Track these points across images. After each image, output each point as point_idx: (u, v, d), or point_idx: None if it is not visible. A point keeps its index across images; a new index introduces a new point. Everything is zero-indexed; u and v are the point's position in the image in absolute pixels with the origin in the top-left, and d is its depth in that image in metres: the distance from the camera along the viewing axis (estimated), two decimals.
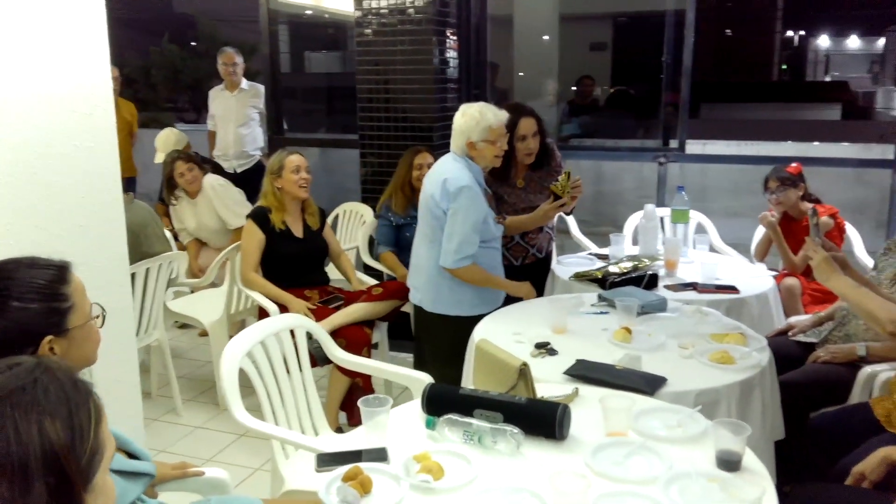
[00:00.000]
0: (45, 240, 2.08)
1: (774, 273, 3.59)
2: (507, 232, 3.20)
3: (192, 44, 13.76)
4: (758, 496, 1.38)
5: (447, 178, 2.79)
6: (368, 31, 4.33)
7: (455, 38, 4.49)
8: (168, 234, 4.42)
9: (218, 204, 4.44)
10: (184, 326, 4.76)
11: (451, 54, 4.47)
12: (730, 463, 1.57)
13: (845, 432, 2.21)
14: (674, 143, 4.66)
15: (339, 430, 3.12)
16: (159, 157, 4.81)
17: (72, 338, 1.41)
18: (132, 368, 2.47)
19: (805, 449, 2.40)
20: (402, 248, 3.85)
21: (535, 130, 3.21)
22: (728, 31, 24.73)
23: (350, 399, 3.31)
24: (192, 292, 4.35)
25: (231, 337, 3.73)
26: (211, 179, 4.48)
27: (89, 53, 2.20)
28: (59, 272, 1.42)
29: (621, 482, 1.53)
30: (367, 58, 4.40)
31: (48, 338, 1.37)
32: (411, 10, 4.21)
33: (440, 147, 4.37)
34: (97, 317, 1.47)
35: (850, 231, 3.92)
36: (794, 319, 3.08)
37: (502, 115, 2.84)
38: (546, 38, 7.63)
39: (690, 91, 4.45)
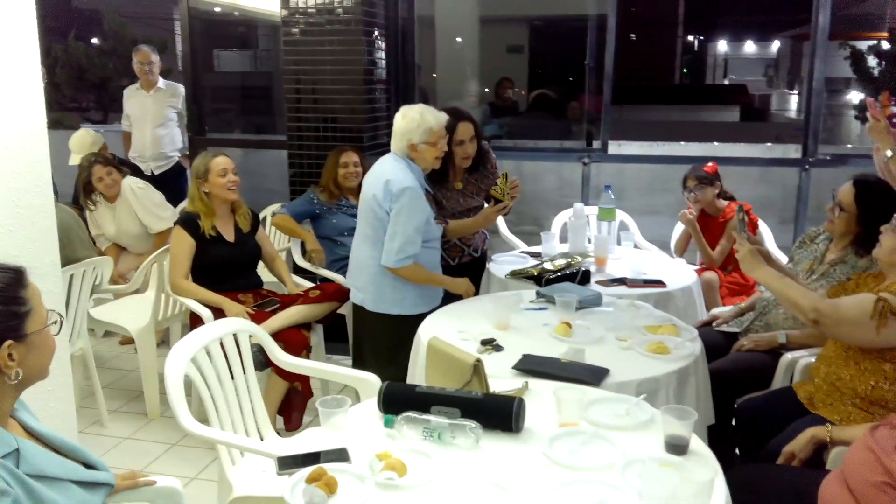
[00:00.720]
0: None
1: (695, 267, 3.77)
2: (449, 235, 3.25)
3: (95, 41, 13.19)
4: (711, 478, 1.47)
5: (390, 178, 2.81)
6: (296, 30, 4.29)
7: (383, 38, 4.50)
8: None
9: (138, 207, 4.29)
10: (106, 335, 4.58)
11: (380, 55, 4.48)
12: (678, 447, 1.66)
13: (770, 416, 2.36)
14: (596, 144, 4.82)
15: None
16: (74, 160, 4.60)
17: (30, 343, 1.37)
18: (66, 379, 2.38)
19: (733, 433, 2.55)
20: (321, 237, 3.94)
21: (473, 135, 3.26)
22: (633, 35, 25.63)
23: (287, 403, 3.28)
24: (115, 299, 4.19)
25: (158, 344, 3.68)
26: (130, 182, 4.33)
27: (18, 53, 2.11)
28: (16, 276, 1.37)
29: (580, 470, 1.59)
30: (294, 57, 4.35)
31: (7, 342, 1.32)
32: (339, 10, 4.19)
33: (370, 148, 4.38)
34: (54, 323, 1.42)
35: (762, 226, 4.15)
36: (716, 311, 3.26)
37: (442, 118, 2.88)
38: (463, 40, 7.73)
39: (611, 93, 4.62)
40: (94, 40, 12.91)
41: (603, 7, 4.63)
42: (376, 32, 4.41)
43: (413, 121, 2.82)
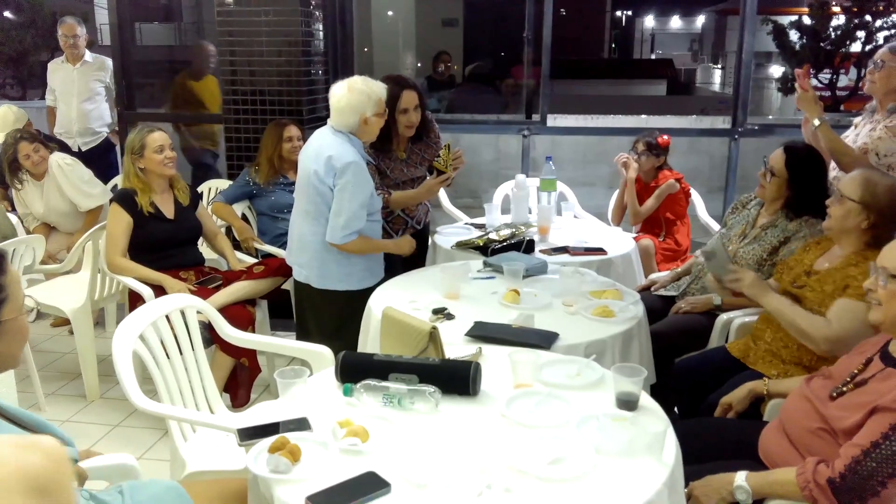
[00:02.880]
0: None
1: (633, 235, 3.89)
2: (392, 206, 3.25)
3: (8, 15, 12.51)
4: (663, 429, 1.54)
5: (332, 154, 2.77)
6: (229, 1, 4.18)
7: (321, 10, 4.43)
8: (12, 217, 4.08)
9: (66, 185, 4.14)
10: (38, 318, 4.42)
11: (318, 27, 4.41)
12: (629, 403, 1.73)
13: (706, 373, 2.48)
14: (536, 117, 4.88)
15: None
16: None
17: (4, 331, 1.35)
18: None
19: (672, 391, 2.66)
20: (261, 214, 3.96)
21: (417, 104, 3.24)
22: (562, 10, 25.87)
23: (233, 380, 3.25)
24: (46, 280, 4.05)
25: (94, 325, 3.58)
26: (57, 158, 4.17)
27: None
28: None
29: (537, 428, 1.65)
30: (228, 29, 4.25)
31: None
32: None
33: (309, 122, 4.32)
34: (30, 310, 1.39)
35: (694, 195, 4.30)
36: (654, 276, 3.37)
37: (384, 87, 2.87)
38: (398, 13, 7.67)
39: (549, 67, 4.68)
40: (7, 14, 12.25)
41: None
42: (313, 3, 4.34)
43: (363, 94, 2.78)
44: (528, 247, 3.18)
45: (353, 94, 2.78)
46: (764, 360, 2.35)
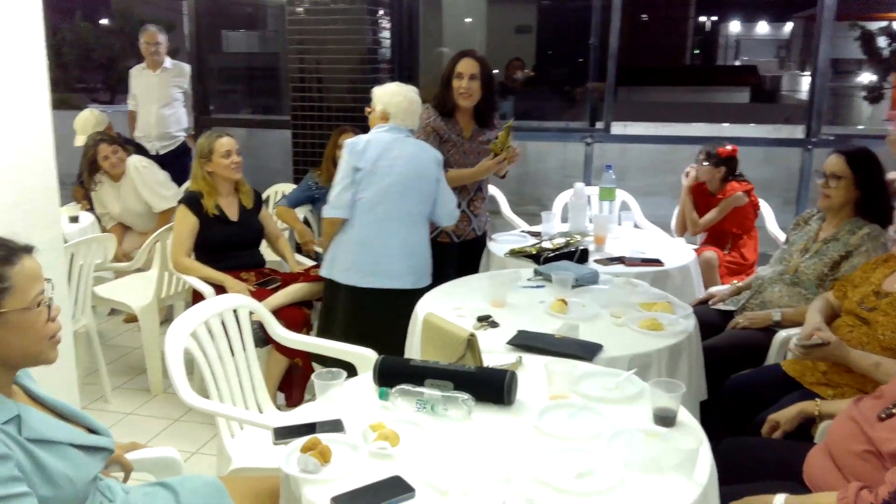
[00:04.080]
0: None
1: (694, 247, 3.79)
2: (448, 184, 3.28)
3: (103, 22, 13.19)
4: (695, 447, 1.50)
5: (434, 153, 3.04)
6: (300, 9, 4.30)
7: (388, 18, 4.50)
8: (90, 216, 4.29)
9: (142, 186, 4.33)
10: (111, 313, 4.64)
11: (384, 34, 4.49)
12: (666, 419, 1.69)
13: (758, 392, 2.39)
14: (600, 125, 4.82)
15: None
16: (79, 140, 4.64)
17: (6, 321, 1.37)
18: (68, 354, 2.43)
19: (724, 408, 2.58)
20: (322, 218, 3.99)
21: (473, 73, 3.28)
22: (643, 16, 25.44)
23: (288, 380, 3.32)
24: (116, 277, 4.24)
25: (161, 322, 3.73)
26: (135, 161, 4.37)
27: (22, 33, 2.14)
28: (6, 253, 1.38)
29: (568, 440, 1.63)
30: (298, 37, 4.37)
31: None
32: None
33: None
34: (40, 305, 1.42)
35: (763, 207, 4.16)
36: (713, 289, 3.28)
37: None
38: (473, 20, 7.71)
39: (615, 74, 4.62)
40: (102, 20, 12.94)
41: None
42: (381, 12, 4.42)
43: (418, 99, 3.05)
44: (582, 256, 3.14)
45: (416, 98, 3.00)
46: (821, 382, 2.25)
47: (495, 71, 3.52)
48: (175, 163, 5.25)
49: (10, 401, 1.40)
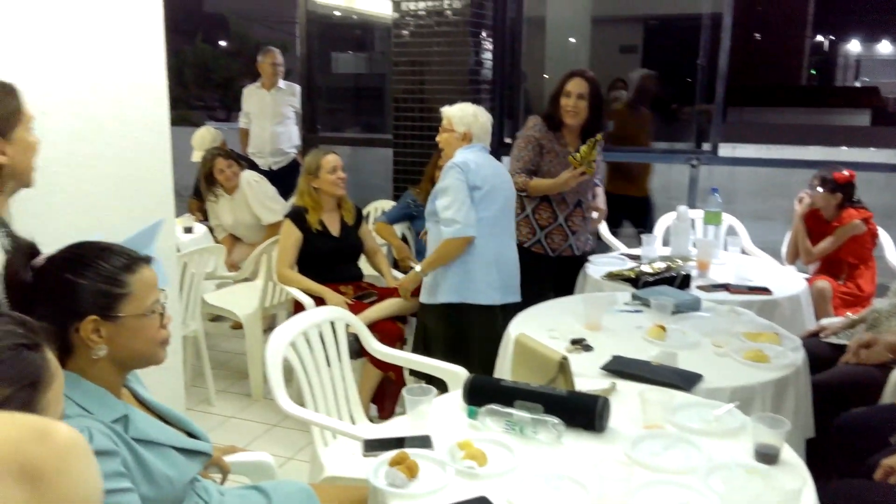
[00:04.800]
0: (95, 227, 2.16)
1: (806, 276, 3.60)
2: (530, 192, 3.37)
3: (222, 43, 13.92)
4: (798, 487, 1.42)
5: None
6: (405, 32, 4.40)
7: (491, 39, 4.54)
8: (204, 227, 4.52)
9: (253, 200, 4.53)
10: (215, 319, 4.85)
11: (486, 56, 4.53)
12: (768, 456, 1.60)
13: (872, 432, 2.23)
14: (707, 146, 4.67)
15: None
16: (196, 156, 4.91)
17: (122, 325, 1.44)
18: (176, 357, 2.55)
19: (832, 448, 2.42)
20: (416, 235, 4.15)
21: (581, 93, 3.33)
22: (757, 35, 24.55)
23: (381, 393, 3.37)
24: (218, 288, 4.43)
25: (264, 330, 3.88)
26: (248, 175, 4.58)
27: (146, 54, 2.29)
28: (128, 262, 1.46)
29: (661, 472, 1.57)
30: (403, 59, 4.47)
31: (92, 317, 1.40)
32: (448, 12, 4.27)
33: None
34: (155, 313, 1.50)
35: (882, 236, 3.91)
36: (826, 321, 3.09)
37: None
38: (576, 40, 7.66)
39: (724, 94, 4.47)
40: (221, 42, 13.68)
41: (719, 6, 4.48)
42: (484, 33, 4.46)
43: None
44: (684, 282, 3.04)
45: (490, 117, 3.07)
46: None
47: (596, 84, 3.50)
48: (286, 178, 5.47)
49: (120, 401, 1.48)
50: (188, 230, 4.31)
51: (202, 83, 12.46)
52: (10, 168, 1.66)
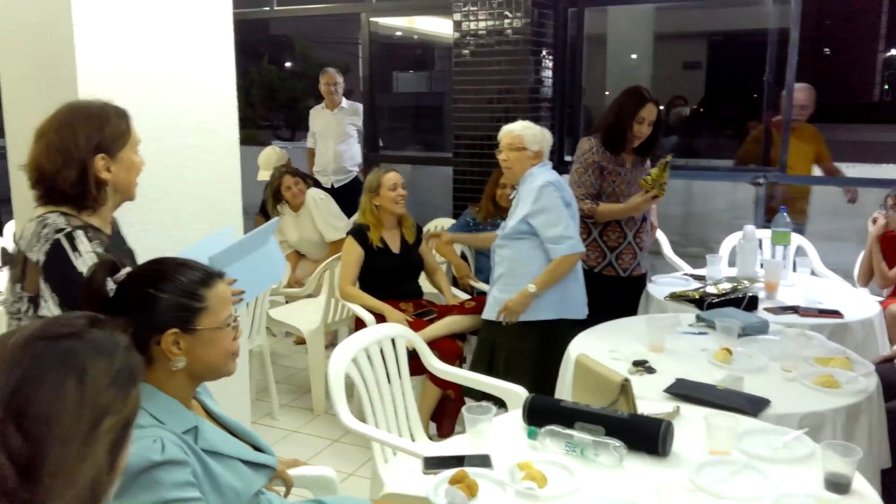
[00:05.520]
0: (178, 244, 2.24)
1: (879, 299, 3.47)
2: (598, 218, 3.33)
3: (288, 64, 14.30)
4: None
5: None
6: (466, 51, 4.45)
7: (551, 57, 4.55)
8: None
9: (318, 217, 4.62)
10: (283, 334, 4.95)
11: (546, 73, 4.54)
12: (839, 486, 1.55)
13: None
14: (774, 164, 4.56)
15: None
16: (262, 175, 5.04)
17: (199, 338, 1.49)
18: (243, 372, 2.62)
19: None
20: (478, 253, 4.20)
21: (653, 120, 3.33)
22: (826, 50, 23.84)
23: (440, 410, 3.38)
24: (287, 302, 4.52)
25: (326, 346, 3.94)
26: (313, 193, 4.68)
27: (218, 76, 2.38)
28: (204, 277, 1.52)
29: (726, 499, 1.53)
30: (463, 78, 4.51)
31: (173, 330, 1.46)
32: (509, 31, 4.30)
33: None
34: (229, 326, 1.55)
35: None
36: None
37: None
38: (638, 56, 7.59)
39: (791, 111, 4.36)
40: (287, 63, 14.07)
41: (786, 20, 4.39)
42: (544, 52, 4.47)
43: None
44: (751, 303, 2.97)
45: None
46: None
47: (661, 107, 3.49)
48: (347, 196, 5.55)
49: (191, 412, 1.53)
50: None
51: (268, 103, 12.82)
52: (113, 184, 1.83)
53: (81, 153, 1.77)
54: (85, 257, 1.73)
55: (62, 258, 1.72)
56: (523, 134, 3.05)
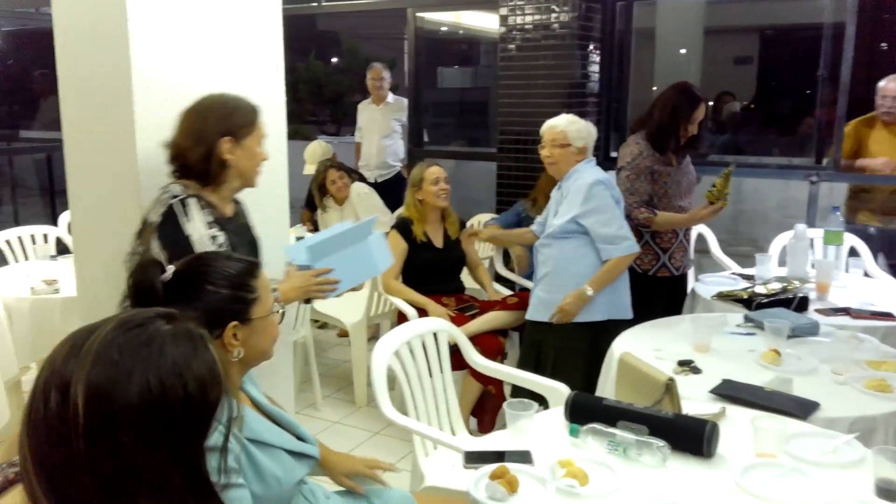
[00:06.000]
0: None
1: None
2: (655, 227, 3.25)
3: (334, 60, 14.41)
4: None
5: None
6: (512, 46, 4.43)
7: (598, 51, 4.50)
8: None
9: (362, 211, 4.65)
10: (323, 326, 5.00)
11: (593, 68, 4.49)
12: (891, 493, 1.50)
13: None
14: (827, 161, 4.44)
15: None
16: (308, 169, 5.09)
17: (253, 327, 1.54)
18: (287, 361, 2.66)
19: None
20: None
21: (704, 119, 3.28)
22: (883, 44, 23.16)
23: (480, 406, 3.38)
24: None
25: (368, 339, 3.97)
26: (358, 187, 4.72)
27: (267, 72, 2.42)
28: (249, 267, 1.56)
29: (773, 503, 1.50)
30: (508, 73, 4.49)
31: (233, 323, 1.50)
32: (556, 25, 4.27)
33: None
34: (276, 312, 1.59)
35: None
36: None
37: None
38: (687, 51, 7.46)
39: (846, 107, 4.24)
40: (333, 59, 14.18)
41: (841, 14, 4.27)
42: (591, 46, 4.42)
43: None
44: (801, 304, 2.90)
45: None
46: None
47: (710, 103, 3.42)
48: (390, 191, 5.59)
49: (235, 401, 1.56)
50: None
51: (315, 99, 12.93)
52: (234, 167, 2.04)
53: (210, 134, 1.99)
54: (195, 223, 1.95)
55: (174, 221, 1.93)
56: (567, 130, 3.01)
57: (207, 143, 1.99)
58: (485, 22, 6.71)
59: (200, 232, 1.95)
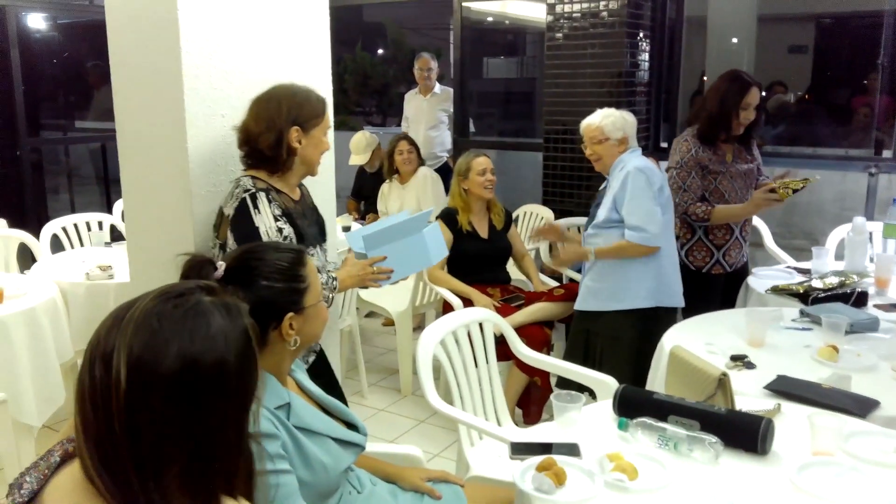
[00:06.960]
0: None
1: None
2: (714, 221, 3.17)
3: (380, 51, 14.44)
4: None
5: None
6: (559, 35, 4.37)
7: (648, 40, 4.41)
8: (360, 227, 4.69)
9: (422, 194, 4.63)
10: (369, 315, 5.03)
11: (643, 57, 4.41)
12: None
13: None
14: (888, 153, 4.29)
15: None
16: (353, 160, 5.11)
17: (306, 315, 1.56)
18: (335, 351, 2.67)
19: None
20: None
21: (757, 104, 3.17)
22: None
23: (526, 397, 3.36)
24: None
25: (413, 328, 3.97)
26: (426, 171, 4.70)
27: (315, 63, 2.43)
28: (297, 256, 1.57)
29: (830, 502, 1.45)
30: (555, 62, 4.43)
31: (290, 314, 1.52)
32: (604, 14, 4.20)
33: None
34: (326, 298, 1.61)
35: None
36: None
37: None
38: (740, 40, 7.27)
39: None
40: (379, 50, 14.21)
41: None
42: (641, 34, 4.34)
43: None
44: (859, 299, 2.81)
45: None
46: None
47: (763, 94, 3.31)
48: None
49: (284, 389, 1.57)
50: (346, 229, 4.49)
51: (360, 89, 12.97)
52: (301, 155, 2.13)
53: (281, 122, 2.06)
54: (263, 216, 2.03)
55: (246, 214, 2.02)
56: (602, 125, 2.97)
57: (278, 130, 2.06)
58: (531, 11, 6.64)
59: (268, 224, 2.04)
